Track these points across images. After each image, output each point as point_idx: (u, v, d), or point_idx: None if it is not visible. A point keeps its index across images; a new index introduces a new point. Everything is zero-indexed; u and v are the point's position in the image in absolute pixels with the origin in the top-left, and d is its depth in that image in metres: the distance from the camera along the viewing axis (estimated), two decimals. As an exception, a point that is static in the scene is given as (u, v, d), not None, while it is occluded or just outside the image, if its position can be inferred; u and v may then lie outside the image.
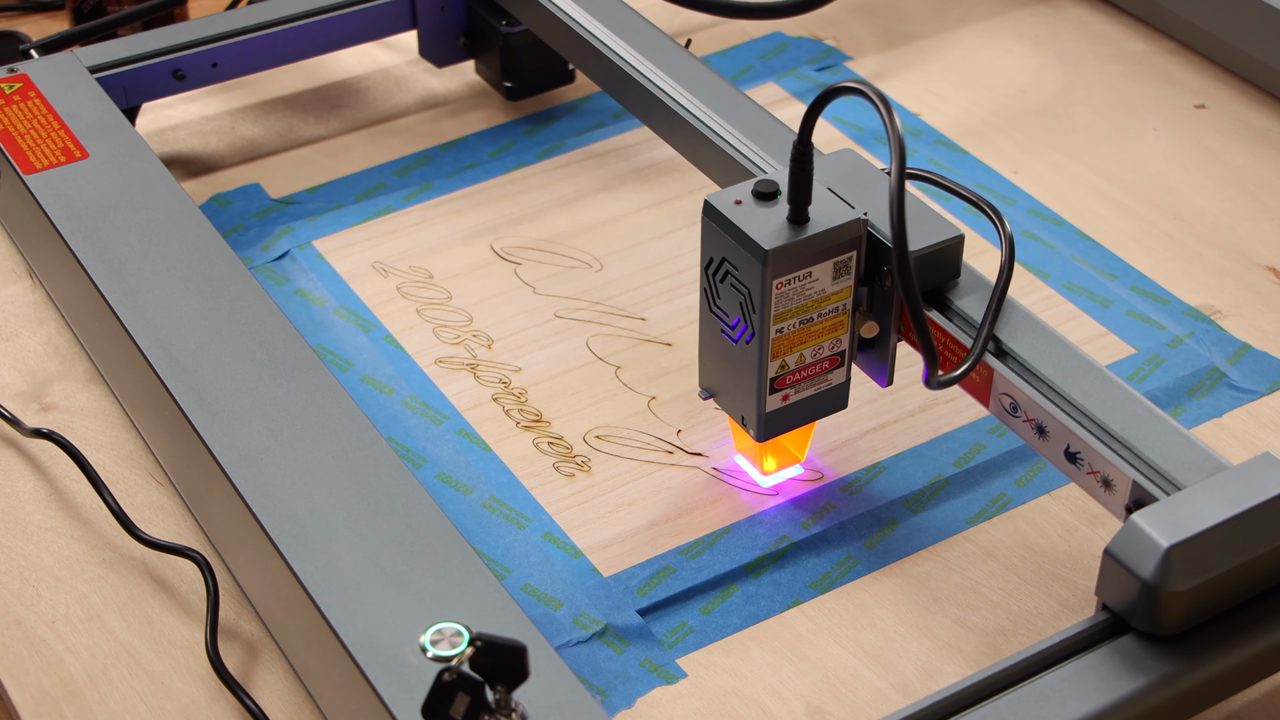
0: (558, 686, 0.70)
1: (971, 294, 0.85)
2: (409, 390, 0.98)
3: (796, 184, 0.80)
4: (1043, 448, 0.81)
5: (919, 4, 1.31)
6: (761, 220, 0.81)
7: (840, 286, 0.83)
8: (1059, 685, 0.72)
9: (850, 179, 0.85)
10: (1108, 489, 0.78)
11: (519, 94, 1.19)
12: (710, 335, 0.86)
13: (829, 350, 0.85)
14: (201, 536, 0.89)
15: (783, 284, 0.81)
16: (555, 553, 0.88)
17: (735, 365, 0.85)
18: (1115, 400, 0.79)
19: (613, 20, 1.08)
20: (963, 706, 0.71)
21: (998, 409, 0.82)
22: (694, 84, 1.02)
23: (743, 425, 0.87)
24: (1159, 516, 0.73)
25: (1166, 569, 0.71)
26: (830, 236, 0.81)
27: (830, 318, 0.84)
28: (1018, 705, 0.71)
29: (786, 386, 0.85)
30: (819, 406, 0.87)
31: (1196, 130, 1.18)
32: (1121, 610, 0.74)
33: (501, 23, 1.16)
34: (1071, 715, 0.71)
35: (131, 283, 0.91)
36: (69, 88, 1.05)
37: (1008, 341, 0.82)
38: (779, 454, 0.91)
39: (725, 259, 0.82)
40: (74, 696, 0.82)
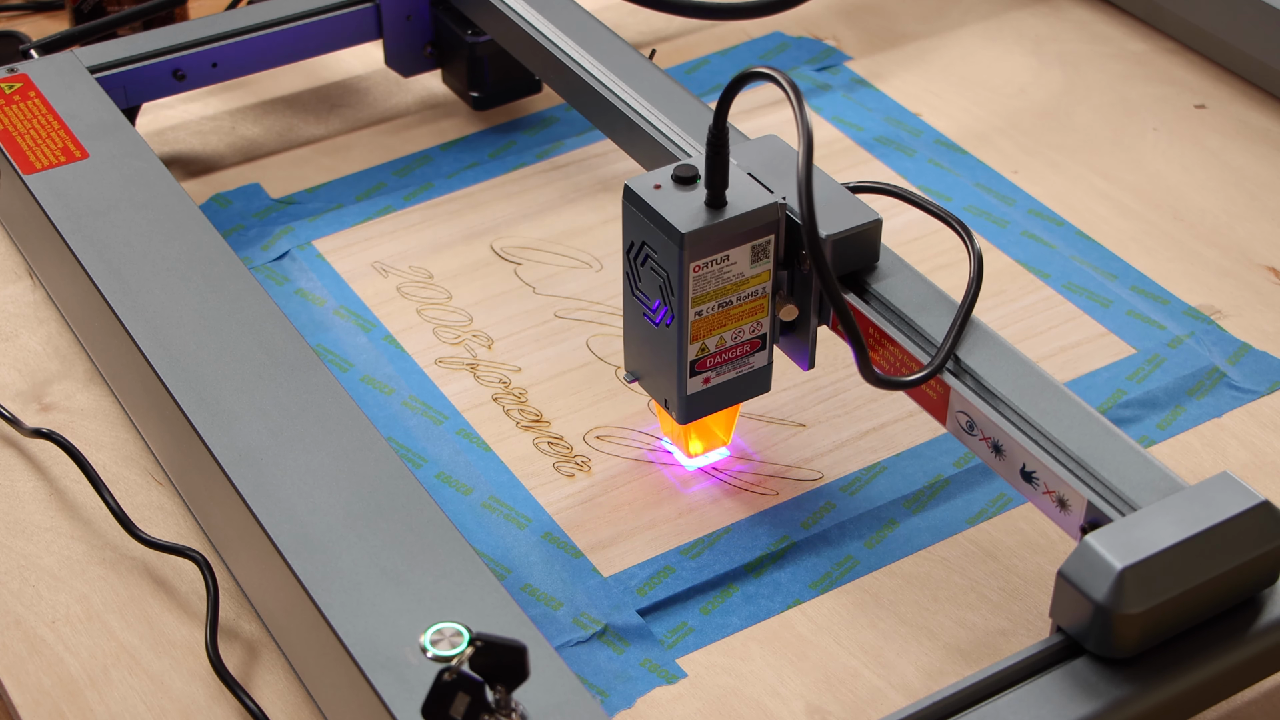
0: (558, 686, 0.70)
1: (890, 277, 0.86)
2: (409, 390, 0.98)
3: (713, 168, 0.81)
4: (999, 467, 0.80)
5: (919, 4, 1.31)
6: (679, 204, 0.82)
7: (759, 270, 0.84)
8: (1014, 707, 0.71)
9: (772, 164, 0.86)
10: (1063, 509, 0.77)
11: (485, 104, 1.18)
12: (633, 318, 0.87)
13: (749, 333, 0.86)
14: (201, 536, 0.89)
15: (700, 267, 0.82)
16: (555, 553, 0.88)
17: (657, 348, 0.86)
18: (1072, 419, 0.78)
19: (577, 31, 1.07)
20: (963, 706, 0.71)
21: (954, 427, 0.82)
22: (657, 96, 1.01)
23: (665, 408, 0.88)
24: (1113, 538, 0.72)
25: (1120, 591, 0.70)
26: (747, 220, 0.82)
27: (749, 301, 0.85)
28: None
29: (707, 369, 0.86)
30: (741, 389, 0.88)
31: (1196, 130, 1.18)
32: (1075, 632, 0.73)
33: (467, 32, 1.15)
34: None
35: (131, 283, 0.91)
36: (69, 88, 1.05)
37: (966, 358, 0.82)
38: (705, 436, 0.92)
39: (645, 242, 0.83)
40: (74, 696, 0.82)
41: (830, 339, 1.00)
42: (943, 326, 0.83)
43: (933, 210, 0.89)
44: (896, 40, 1.27)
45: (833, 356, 0.99)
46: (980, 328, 0.83)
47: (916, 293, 0.85)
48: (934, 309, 0.85)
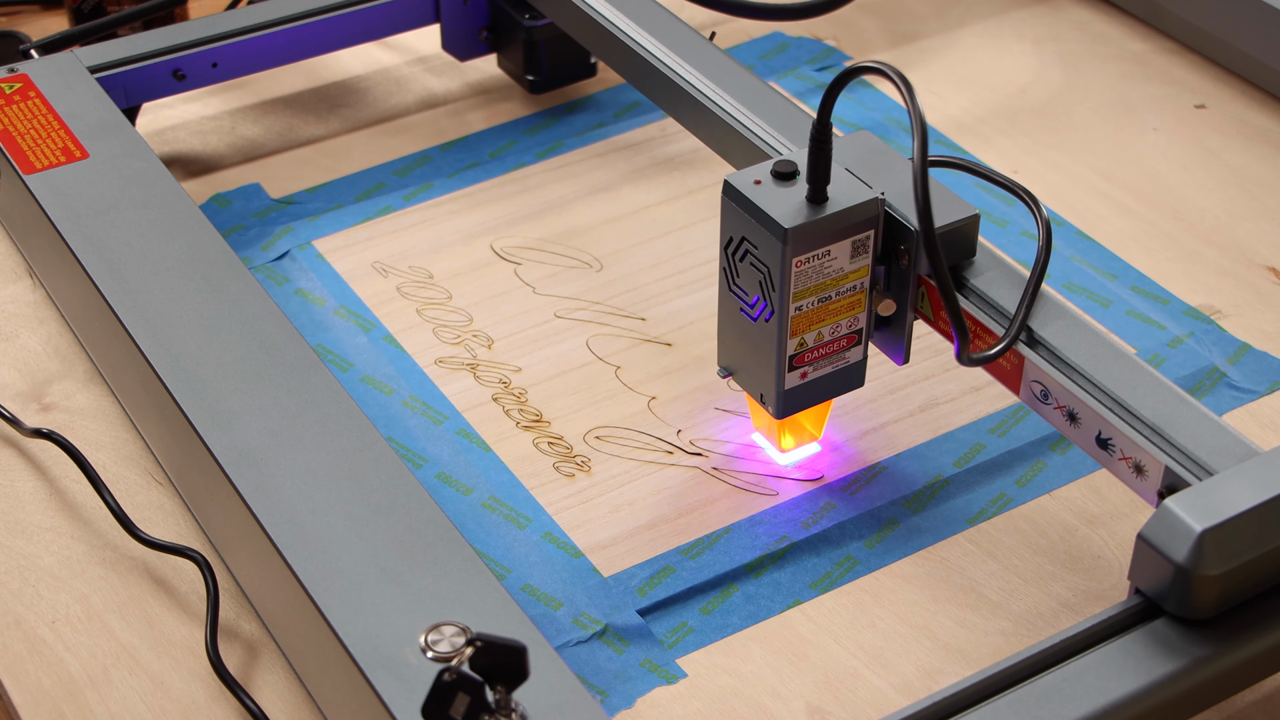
0: (558, 686, 0.70)
1: (987, 272, 0.86)
2: (409, 390, 0.98)
3: (815, 164, 0.82)
4: (1074, 434, 0.81)
5: (919, 4, 1.31)
6: (781, 200, 0.82)
7: (858, 265, 0.84)
8: (1094, 668, 0.72)
9: (867, 160, 0.87)
10: (1140, 475, 0.78)
11: (541, 87, 1.20)
12: (729, 314, 0.87)
13: (846, 328, 0.86)
14: (201, 536, 0.89)
15: (802, 262, 0.82)
16: (555, 553, 0.88)
17: (754, 343, 0.86)
18: (1146, 387, 0.80)
19: (636, 13, 1.08)
20: (963, 706, 0.71)
21: (1028, 396, 0.83)
22: (718, 74, 1.02)
23: (761, 403, 0.88)
24: (1192, 501, 0.73)
25: (1200, 553, 0.72)
26: (848, 215, 0.82)
27: (848, 296, 0.85)
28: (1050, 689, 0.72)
29: (805, 364, 0.86)
30: (836, 384, 0.88)
31: (1196, 130, 1.18)
32: (1155, 594, 0.74)
33: (524, 16, 1.17)
34: (1106, 698, 0.71)
35: (131, 283, 0.91)
36: (69, 88, 1.05)
37: (1038, 329, 0.83)
38: (796, 431, 0.92)
39: (745, 238, 0.83)
40: (74, 696, 0.82)
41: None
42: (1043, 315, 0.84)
43: (998, 179, 0.89)
44: (897, 40, 1.27)
45: (833, 356, 0.99)
46: (1051, 300, 0.84)
47: (1013, 287, 0.86)
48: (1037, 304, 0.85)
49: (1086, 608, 0.85)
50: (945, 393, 0.97)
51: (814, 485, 0.92)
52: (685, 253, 1.07)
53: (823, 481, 0.92)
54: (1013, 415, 0.95)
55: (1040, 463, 0.93)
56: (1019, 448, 0.94)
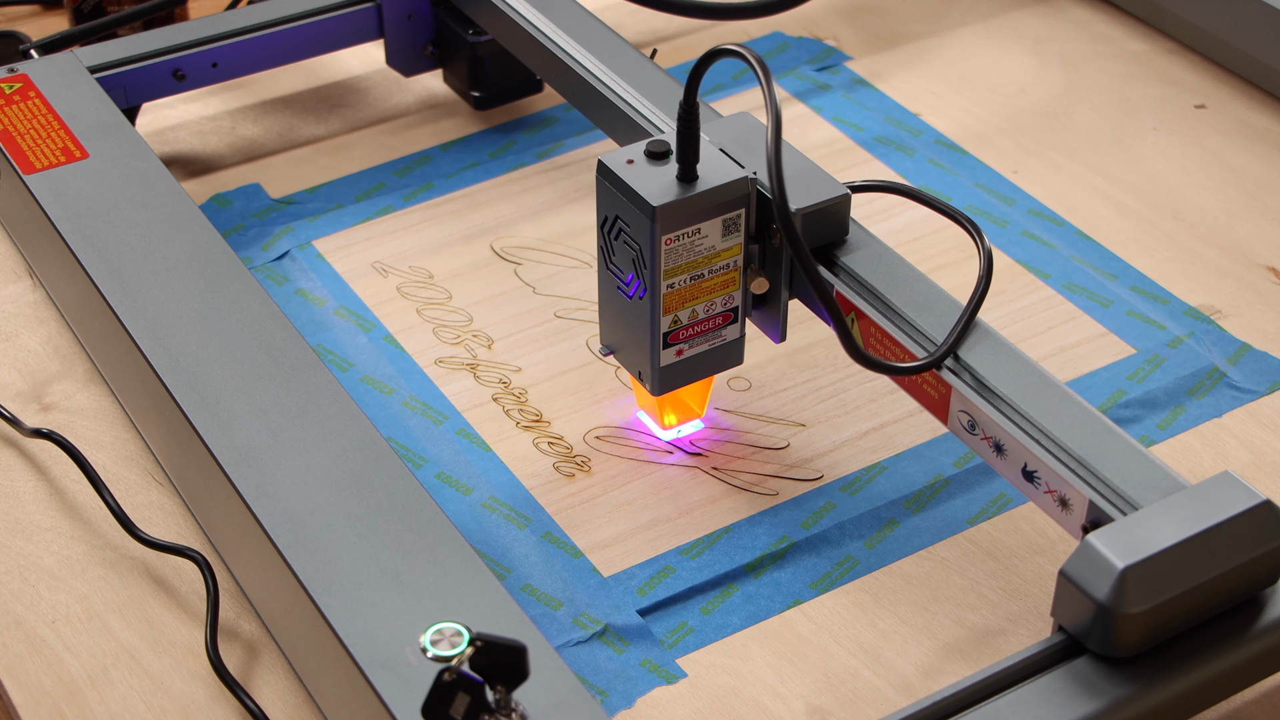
0: (558, 686, 0.70)
1: (858, 250, 0.87)
2: (409, 390, 0.98)
3: (684, 143, 0.83)
4: (1001, 466, 0.80)
5: (919, 4, 1.31)
6: (651, 178, 0.84)
7: (730, 243, 0.86)
8: (1015, 706, 0.71)
9: (743, 141, 0.88)
10: (1065, 508, 0.77)
11: (486, 103, 1.18)
12: (608, 293, 0.89)
13: (721, 306, 0.88)
14: (201, 536, 0.89)
15: (671, 240, 0.83)
16: (555, 553, 0.88)
17: (631, 321, 0.88)
18: (1074, 418, 0.78)
19: (577, 30, 1.07)
20: (963, 706, 0.71)
21: (955, 426, 0.82)
22: (658, 95, 1.01)
23: (640, 380, 0.89)
24: (1115, 537, 0.72)
25: (1121, 590, 0.70)
26: (718, 194, 0.84)
27: (721, 274, 0.86)
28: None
29: (680, 341, 0.87)
30: (715, 361, 0.90)
31: (1196, 130, 1.18)
32: (1077, 632, 0.73)
33: (468, 32, 1.15)
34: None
35: (131, 283, 0.91)
36: (69, 88, 1.05)
37: (966, 356, 0.82)
38: (679, 409, 0.93)
39: (618, 217, 0.85)
40: (74, 696, 0.82)
41: (828, 340, 1.00)
42: (913, 300, 0.84)
43: (940, 208, 0.90)
44: (896, 40, 1.27)
45: (832, 356, 0.99)
46: (980, 326, 0.83)
47: (886, 266, 0.86)
48: (904, 283, 0.85)
49: (1086, 608, 0.85)
50: (945, 393, 0.97)
51: (814, 485, 0.92)
52: (685, 253, 1.07)
53: (822, 481, 0.92)
54: (1013, 415, 0.95)
55: (1040, 463, 0.93)
56: (1019, 448, 0.94)
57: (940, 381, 0.82)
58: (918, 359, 0.82)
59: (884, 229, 1.08)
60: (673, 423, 0.94)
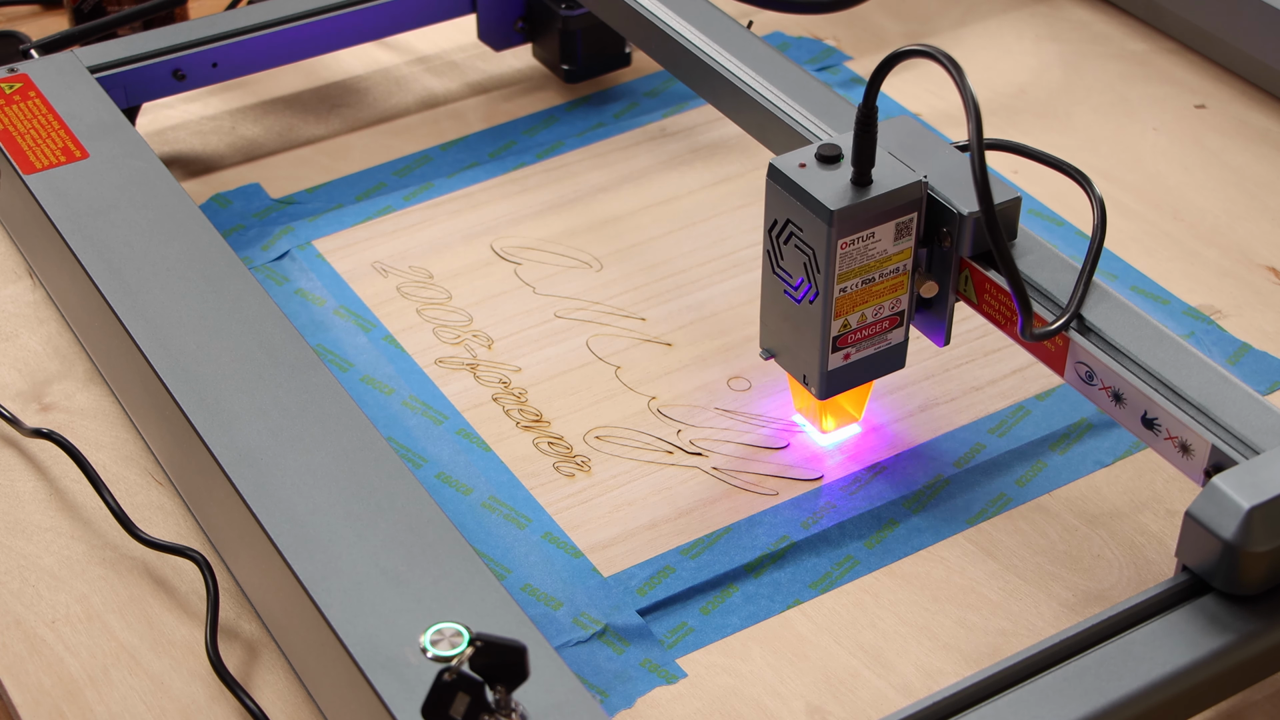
0: (558, 686, 0.70)
1: (1029, 254, 0.87)
2: (409, 390, 0.98)
3: (860, 147, 0.83)
4: (1120, 415, 0.82)
5: (920, 4, 1.31)
6: (826, 182, 0.83)
7: (901, 247, 0.85)
8: (1142, 643, 0.73)
9: (909, 144, 0.88)
10: (1186, 454, 0.79)
11: (577, 77, 1.20)
12: (773, 296, 0.88)
13: (889, 310, 0.88)
14: (201, 536, 0.89)
15: (847, 244, 0.83)
16: (555, 553, 0.88)
17: (797, 325, 0.87)
18: (1191, 368, 0.80)
19: (672, 1, 1.09)
20: (963, 706, 0.71)
21: (1073, 377, 0.83)
22: (757, 62, 1.03)
23: (804, 384, 0.89)
24: (1239, 479, 0.74)
25: (1248, 530, 0.72)
26: (892, 198, 0.83)
27: (891, 278, 0.86)
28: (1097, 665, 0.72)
29: (848, 345, 0.87)
30: (878, 365, 0.90)
31: (1196, 130, 1.18)
32: (1202, 571, 0.75)
33: (561, 6, 1.17)
34: (1155, 674, 0.72)
35: (131, 283, 0.91)
36: (69, 88, 1.05)
37: (1083, 311, 0.83)
38: (837, 414, 0.93)
39: (790, 220, 0.85)
40: (74, 696, 0.82)
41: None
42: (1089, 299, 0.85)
43: (1049, 160, 0.91)
44: (896, 40, 1.27)
45: (833, 356, 0.99)
46: (1094, 282, 0.84)
47: (1055, 269, 0.86)
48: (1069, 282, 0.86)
49: (1086, 608, 0.85)
50: (945, 393, 0.97)
51: (814, 485, 0.92)
52: (685, 252, 1.07)
53: (822, 481, 0.92)
54: (1013, 415, 0.95)
55: (1040, 463, 0.93)
56: (1019, 448, 0.94)
57: (1060, 334, 0.83)
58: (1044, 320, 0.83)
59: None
60: (831, 427, 0.94)
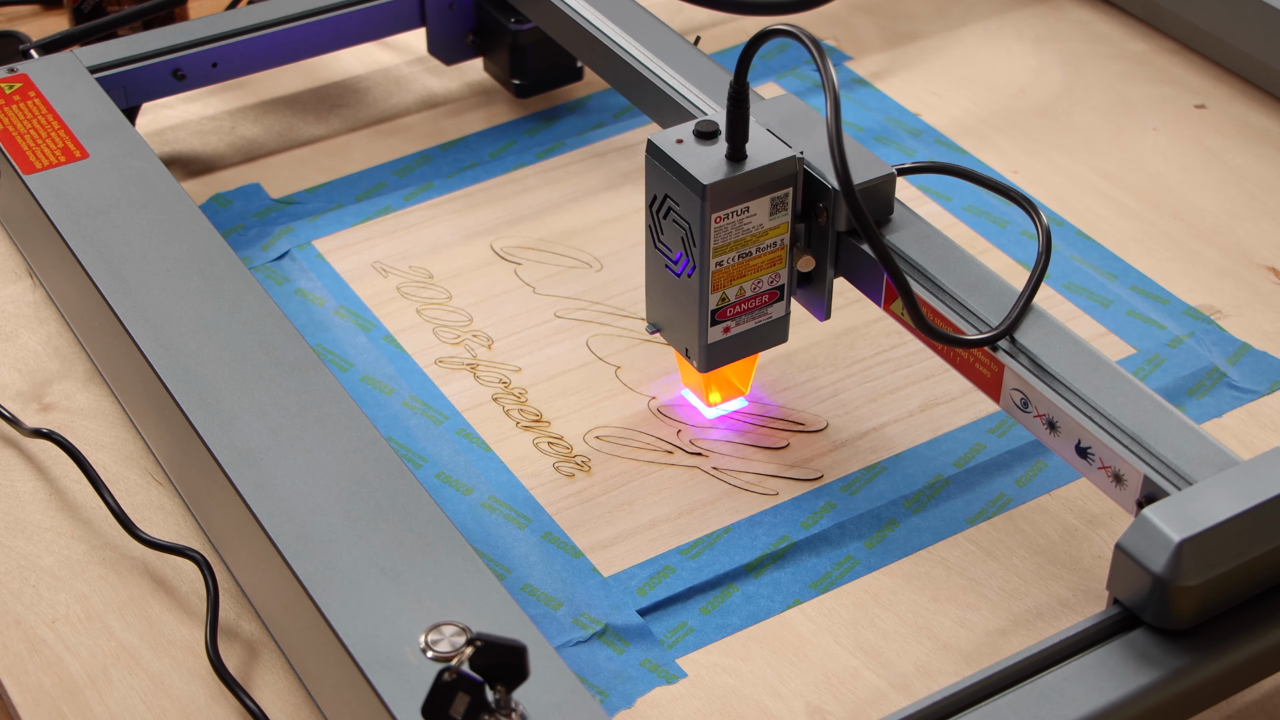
0: (558, 686, 0.70)
1: (903, 229, 0.88)
2: (409, 390, 0.98)
3: (733, 122, 0.84)
4: (1054, 443, 0.81)
5: (919, 4, 1.31)
6: (701, 158, 0.85)
7: (777, 222, 0.87)
8: (1071, 678, 0.72)
9: (789, 122, 0.89)
10: (1119, 484, 0.78)
11: (527, 91, 1.19)
12: (655, 271, 0.90)
13: (768, 284, 0.89)
14: (201, 536, 0.89)
15: (721, 218, 0.85)
16: (555, 553, 0.88)
17: (678, 299, 0.89)
18: (1126, 396, 0.80)
19: (621, 17, 1.08)
20: (963, 706, 0.71)
21: (1008, 404, 0.83)
22: (703, 80, 1.02)
23: (686, 357, 0.91)
24: (1170, 511, 0.73)
25: (1178, 563, 0.72)
26: (766, 173, 0.85)
27: (768, 252, 0.88)
28: (1027, 700, 0.71)
29: (727, 319, 0.89)
30: (760, 339, 0.91)
31: (1196, 130, 1.18)
32: (1133, 604, 0.74)
33: (510, 20, 1.16)
34: (1083, 709, 0.71)
35: (131, 283, 0.91)
36: (69, 88, 1.05)
37: (1019, 337, 0.83)
38: (723, 387, 0.95)
39: (668, 195, 0.86)
40: (74, 696, 0.82)
41: (828, 340, 1.00)
42: (963, 280, 0.85)
43: (991, 184, 0.91)
44: (897, 40, 1.27)
45: (833, 356, 0.99)
46: (1033, 306, 0.84)
47: (932, 244, 0.87)
48: (951, 261, 0.86)
49: (1086, 608, 0.85)
50: (945, 393, 0.97)
51: (814, 485, 0.92)
52: (685, 253, 1.07)
53: (822, 481, 0.92)
54: (1013, 415, 0.95)
55: (1040, 463, 0.93)
56: (1019, 448, 0.94)
57: (993, 360, 0.83)
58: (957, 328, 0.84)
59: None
60: (717, 400, 0.95)
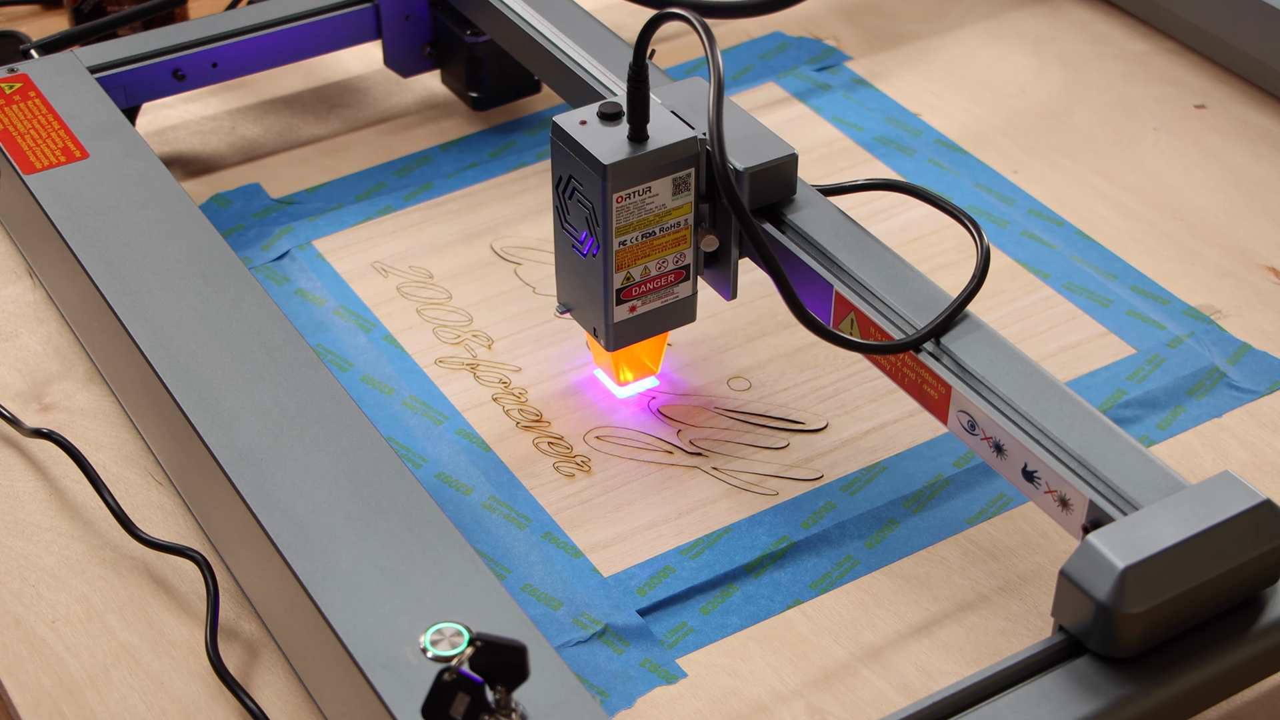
0: (558, 686, 0.70)
1: (806, 208, 0.89)
2: (409, 390, 0.98)
3: (634, 103, 0.85)
4: (1001, 466, 0.81)
5: (919, 4, 1.31)
6: (603, 138, 0.86)
7: (681, 202, 0.88)
8: (1014, 706, 0.71)
9: (694, 104, 0.90)
10: (1065, 508, 0.77)
11: (484, 104, 1.18)
12: (563, 251, 0.91)
13: (673, 264, 0.90)
14: (201, 536, 0.89)
15: (623, 198, 0.86)
16: (555, 553, 0.88)
17: (586, 279, 0.90)
18: (1074, 418, 0.79)
19: (575, 31, 1.08)
20: (963, 706, 0.71)
21: (955, 427, 0.82)
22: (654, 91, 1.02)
23: (595, 336, 0.92)
24: (1115, 537, 0.72)
25: (1122, 591, 0.71)
26: (668, 153, 0.86)
27: (672, 232, 0.89)
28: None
29: (633, 298, 0.90)
30: (667, 318, 0.92)
31: (1196, 130, 1.18)
32: (1077, 631, 0.73)
33: (466, 33, 1.16)
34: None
35: (131, 283, 0.91)
36: (69, 88, 1.05)
37: (966, 358, 0.82)
38: (634, 366, 0.96)
39: (572, 176, 0.87)
40: (74, 696, 0.82)
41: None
42: (858, 256, 0.87)
43: (939, 204, 0.91)
44: (896, 40, 1.27)
45: (833, 356, 0.99)
46: (981, 325, 0.83)
47: (833, 224, 0.88)
48: (849, 240, 0.88)
49: (1086, 608, 0.85)
50: (945, 393, 0.97)
51: (814, 485, 0.92)
52: (685, 253, 1.07)
53: (822, 481, 0.92)
54: (1013, 415, 0.95)
55: (1040, 463, 0.93)
56: (1019, 448, 0.94)
57: (940, 382, 0.82)
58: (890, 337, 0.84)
59: (884, 229, 1.08)
60: (628, 379, 0.96)
